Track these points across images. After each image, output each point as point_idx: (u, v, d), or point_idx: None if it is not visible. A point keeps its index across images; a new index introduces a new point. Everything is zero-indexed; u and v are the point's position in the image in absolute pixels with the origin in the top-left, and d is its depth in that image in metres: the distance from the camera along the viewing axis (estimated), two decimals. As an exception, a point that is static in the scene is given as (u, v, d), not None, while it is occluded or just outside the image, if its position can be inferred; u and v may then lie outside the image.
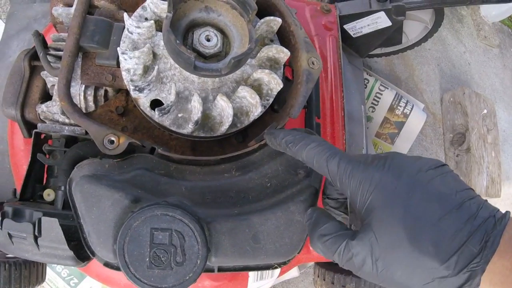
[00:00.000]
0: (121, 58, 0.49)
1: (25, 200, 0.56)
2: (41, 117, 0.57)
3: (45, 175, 0.59)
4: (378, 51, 0.94)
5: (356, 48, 0.80)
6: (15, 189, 0.57)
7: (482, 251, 0.35)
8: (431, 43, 1.04)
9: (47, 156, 0.57)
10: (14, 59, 0.76)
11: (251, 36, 0.48)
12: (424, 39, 0.92)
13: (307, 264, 0.83)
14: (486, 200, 0.38)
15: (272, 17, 0.52)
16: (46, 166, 0.59)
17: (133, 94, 0.49)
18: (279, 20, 0.52)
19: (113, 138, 0.46)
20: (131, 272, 0.41)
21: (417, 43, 0.94)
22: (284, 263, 0.51)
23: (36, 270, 0.70)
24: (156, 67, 0.48)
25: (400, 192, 0.37)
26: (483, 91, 1.07)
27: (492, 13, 1.06)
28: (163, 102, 0.50)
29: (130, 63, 0.49)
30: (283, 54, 0.51)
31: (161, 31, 0.52)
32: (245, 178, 0.48)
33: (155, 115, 0.50)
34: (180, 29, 0.49)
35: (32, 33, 0.59)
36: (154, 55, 0.51)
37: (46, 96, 0.59)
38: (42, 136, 0.59)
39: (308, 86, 0.52)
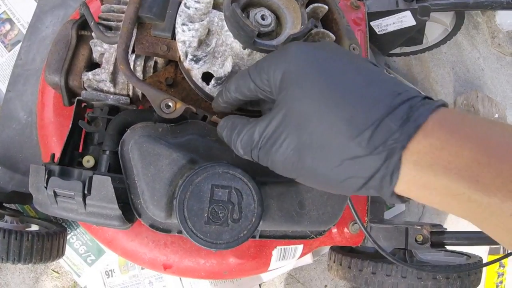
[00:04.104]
0: (179, 29, 0.52)
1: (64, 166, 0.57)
2: (85, 85, 0.59)
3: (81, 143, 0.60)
4: (397, 50, 1.00)
5: (379, 45, 0.85)
6: (53, 154, 0.57)
7: (403, 126, 0.29)
8: (447, 47, 1.11)
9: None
10: (47, 34, 0.78)
11: (304, 18, 0.51)
12: (443, 41, 0.98)
13: (320, 251, 0.86)
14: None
15: (319, 4, 0.55)
16: (83, 134, 0.60)
17: (188, 64, 0.52)
18: (326, 7, 0.55)
19: (170, 103, 0.48)
20: (188, 227, 0.42)
21: (436, 45, 1.00)
22: (320, 234, 0.54)
23: (57, 243, 0.70)
24: (214, 40, 0.51)
25: (321, 58, 0.34)
26: (495, 97, 1.13)
27: (507, 21, 1.15)
28: (214, 75, 0.53)
29: (187, 35, 0.51)
30: (328, 38, 0.55)
31: (215, 8, 0.55)
32: (291, 149, 0.51)
33: (207, 86, 0.52)
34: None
35: (80, 4, 0.61)
36: (208, 31, 0.54)
37: (90, 65, 0.60)
38: (83, 105, 0.60)
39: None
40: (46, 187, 0.50)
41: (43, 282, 0.85)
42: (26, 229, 0.73)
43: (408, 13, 0.75)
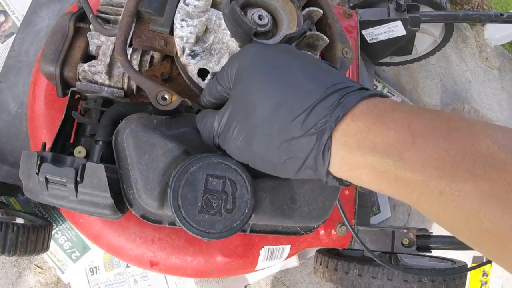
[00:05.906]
0: (177, 25, 0.53)
1: (56, 154, 0.57)
2: (80, 77, 0.59)
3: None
4: (387, 60, 1.03)
5: (370, 54, 0.88)
6: (45, 143, 0.57)
7: (332, 110, 0.32)
8: (436, 59, 1.15)
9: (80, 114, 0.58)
10: (42, 27, 0.78)
11: (300, 20, 0.53)
12: (432, 52, 1.01)
13: (307, 254, 0.86)
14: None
15: (315, 8, 0.57)
16: (75, 125, 0.59)
17: (185, 59, 0.53)
18: (321, 11, 0.57)
19: (166, 96, 0.49)
20: (182, 215, 0.43)
21: (425, 56, 1.03)
22: (310, 230, 0.54)
23: (43, 237, 0.69)
24: (212, 37, 0.52)
25: (269, 55, 0.38)
26: (481, 109, 1.17)
27: (495, 36, 1.19)
28: (210, 71, 0.54)
29: (185, 31, 0.52)
30: (322, 41, 0.57)
31: (214, 7, 0.56)
32: (284, 146, 0.52)
33: (202, 82, 0.53)
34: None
35: (79, -2, 0.61)
36: (206, 28, 0.55)
37: (86, 58, 0.60)
38: (76, 96, 0.60)
39: (341, 72, 0.57)
40: (37, 173, 0.49)
41: (26, 277, 0.83)
42: (13, 220, 0.72)
43: (399, 23, 0.78)
